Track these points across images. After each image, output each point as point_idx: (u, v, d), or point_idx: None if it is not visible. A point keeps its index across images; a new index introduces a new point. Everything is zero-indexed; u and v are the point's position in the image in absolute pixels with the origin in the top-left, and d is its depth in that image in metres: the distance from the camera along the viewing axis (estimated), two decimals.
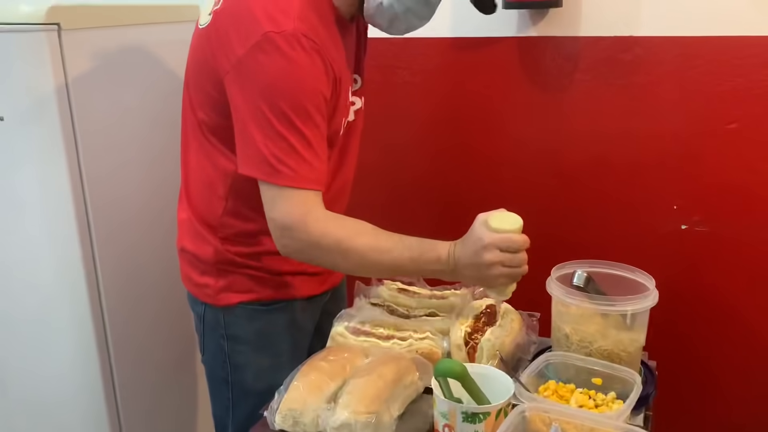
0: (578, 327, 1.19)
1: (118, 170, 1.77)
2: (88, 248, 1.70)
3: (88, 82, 1.64)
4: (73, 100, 1.60)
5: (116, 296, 1.79)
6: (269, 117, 1.12)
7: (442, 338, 1.33)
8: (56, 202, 1.65)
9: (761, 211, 1.67)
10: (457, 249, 1.20)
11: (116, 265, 1.79)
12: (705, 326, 1.81)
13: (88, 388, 1.80)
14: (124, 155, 1.78)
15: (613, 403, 1.07)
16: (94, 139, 1.68)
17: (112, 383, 1.82)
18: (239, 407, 1.44)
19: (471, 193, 1.95)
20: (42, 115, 1.59)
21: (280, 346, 1.41)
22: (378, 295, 1.48)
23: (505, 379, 1.10)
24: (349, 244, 1.18)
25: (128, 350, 1.86)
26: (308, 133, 1.14)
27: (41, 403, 1.87)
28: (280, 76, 1.12)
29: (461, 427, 1.04)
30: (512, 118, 1.86)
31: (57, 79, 1.56)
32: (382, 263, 1.21)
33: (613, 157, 1.78)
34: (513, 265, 1.18)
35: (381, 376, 1.13)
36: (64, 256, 1.69)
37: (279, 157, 1.13)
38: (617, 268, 1.26)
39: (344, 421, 1.05)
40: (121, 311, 1.82)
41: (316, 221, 1.16)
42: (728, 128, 1.65)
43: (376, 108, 2.01)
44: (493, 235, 1.17)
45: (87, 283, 1.71)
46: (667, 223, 1.76)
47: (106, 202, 1.74)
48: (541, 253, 1.86)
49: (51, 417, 1.87)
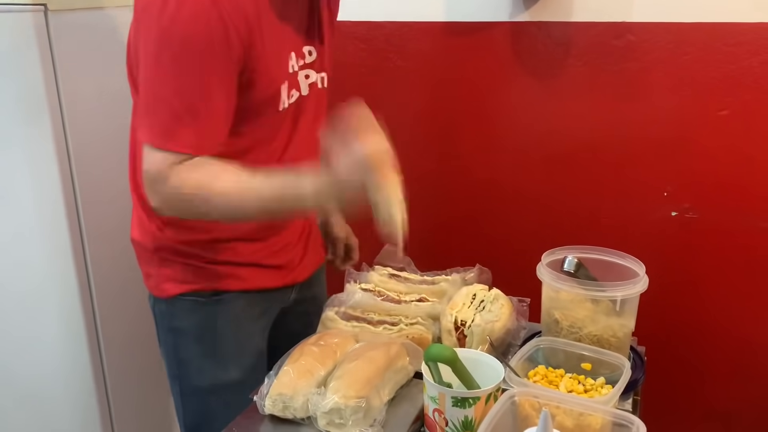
0: (568, 312, 1.19)
1: (106, 154, 1.75)
2: (77, 237, 1.68)
3: (76, 64, 1.62)
4: (60, 81, 1.58)
5: (106, 286, 1.78)
6: (153, 67, 1.07)
7: (433, 323, 1.33)
8: (44, 188, 1.64)
9: (751, 198, 1.68)
10: (330, 171, 1.06)
11: (106, 255, 1.77)
12: (694, 312, 1.82)
13: (78, 377, 1.79)
14: (112, 138, 1.76)
15: (602, 388, 1.08)
16: (82, 122, 1.66)
17: (102, 373, 1.82)
18: (187, 405, 1.38)
19: (462, 179, 1.95)
20: (28, 97, 1.57)
21: (223, 341, 1.32)
22: (368, 280, 1.48)
23: (495, 364, 1.11)
24: (210, 188, 1.08)
25: (118, 340, 1.85)
26: (191, 90, 1.07)
27: (31, 394, 1.86)
28: (166, 26, 1.04)
29: (451, 411, 1.04)
30: (504, 103, 1.85)
31: (44, 60, 1.54)
32: (247, 204, 1.11)
33: (604, 143, 1.77)
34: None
35: (371, 360, 1.13)
36: (53, 245, 1.68)
37: (155, 111, 1.09)
38: (608, 253, 1.26)
39: (334, 406, 1.05)
40: (111, 300, 1.81)
41: (178, 171, 1.08)
42: (719, 115, 1.65)
43: (366, 93, 2.00)
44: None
45: (77, 272, 1.70)
46: (657, 209, 1.77)
47: (95, 188, 1.72)
48: (531, 239, 1.87)
49: (41, 407, 1.87)
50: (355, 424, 1.05)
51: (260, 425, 1.10)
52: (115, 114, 1.76)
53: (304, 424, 1.09)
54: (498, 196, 1.92)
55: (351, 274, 1.50)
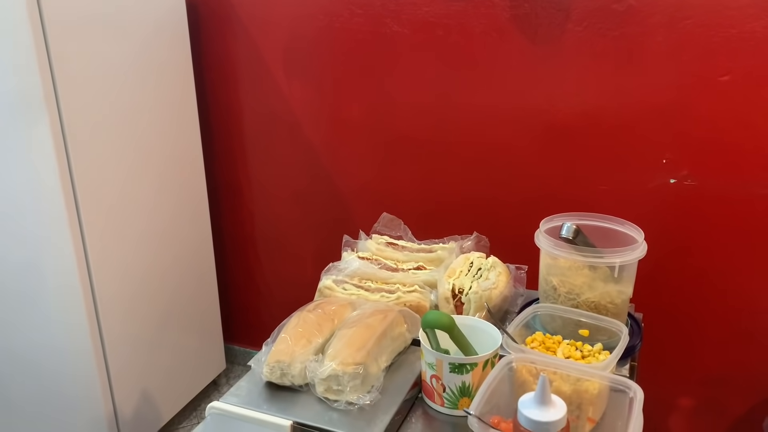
0: (566, 279, 1.19)
1: (100, 121, 1.73)
2: (71, 202, 1.67)
3: (67, 28, 1.59)
4: (51, 47, 1.56)
5: (102, 251, 1.78)
6: None
7: (430, 291, 1.33)
8: (38, 153, 1.62)
9: (750, 165, 1.67)
10: None
11: (102, 219, 1.77)
12: (691, 279, 1.82)
13: (77, 343, 1.80)
14: (105, 104, 1.74)
15: (599, 354, 1.08)
16: (75, 87, 1.64)
17: (101, 339, 1.82)
18: None
19: (460, 147, 1.94)
20: (19, 64, 1.55)
21: None
22: (366, 248, 1.48)
23: (492, 331, 1.11)
24: None
25: (116, 306, 1.86)
26: None
27: (30, 363, 1.87)
28: None
29: (448, 377, 1.05)
30: (503, 70, 1.82)
31: (33, 24, 1.51)
32: None
33: (603, 109, 1.76)
34: None
35: (369, 328, 1.13)
36: (49, 210, 1.67)
37: None
38: (606, 220, 1.26)
39: (332, 373, 1.05)
40: (108, 266, 1.81)
41: None
42: (720, 81, 1.63)
43: (362, 59, 1.98)
44: None
45: (72, 238, 1.69)
46: (656, 176, 1.76)
47: (90, 153, 1.71)
48: (530, 206, 1.87)
49: (40, 373, 1.88)
50: (352, 390, 1.05)
51: (258, 392, 1.10)
52: (108, 79, 1.74)
53: (302, 391, 1.09)
54: (496, 163, 1.91)
55: (348, 242, 1.49)
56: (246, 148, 2.23)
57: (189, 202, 2.12)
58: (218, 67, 2.16)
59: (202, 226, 2.20)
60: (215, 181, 2.31)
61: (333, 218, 2.19)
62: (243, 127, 2.21)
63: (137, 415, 1.99)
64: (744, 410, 1.88)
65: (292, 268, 2.32)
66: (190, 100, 2.08)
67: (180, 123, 2.04)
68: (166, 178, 2.00)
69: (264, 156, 2.22)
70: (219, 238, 2.36)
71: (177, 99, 2.01)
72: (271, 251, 2.35)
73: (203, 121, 2.21)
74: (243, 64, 2.13)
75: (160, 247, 2.00)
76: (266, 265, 2.38)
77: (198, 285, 2.21)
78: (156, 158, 1.94)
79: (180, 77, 2.02)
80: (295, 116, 2.11)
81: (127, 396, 1.94)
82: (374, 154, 2.06)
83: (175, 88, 1.99)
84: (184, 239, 2.11)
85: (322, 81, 2.04)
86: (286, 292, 2.37)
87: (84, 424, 1.89)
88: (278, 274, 2.37)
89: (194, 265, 2.18)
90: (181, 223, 2.09)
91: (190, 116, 2.08)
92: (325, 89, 2.05)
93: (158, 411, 2.10)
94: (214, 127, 2.25)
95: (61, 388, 1.87)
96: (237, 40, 2.10)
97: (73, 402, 1.88)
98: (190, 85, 2.06)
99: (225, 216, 2.36)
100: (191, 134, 2.10)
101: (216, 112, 2.23)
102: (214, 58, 2.16)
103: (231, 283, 2.46)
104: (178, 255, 2.08)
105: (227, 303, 2.46)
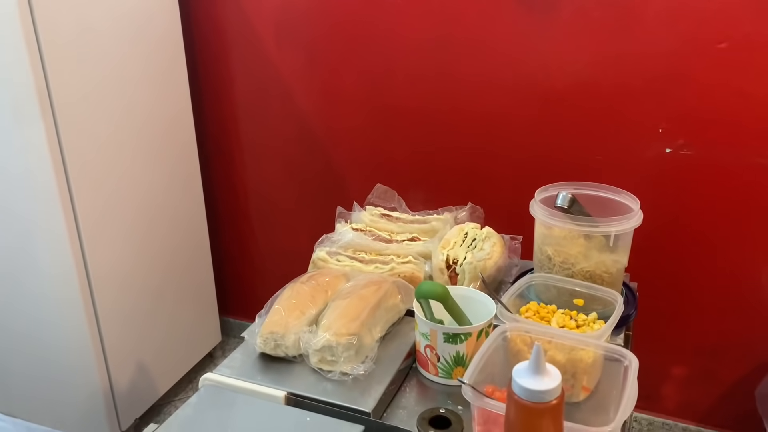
0: (561, 248, 1.18)
1: (89, 92, 1.70)
2: (62, 175, 1.65)
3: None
4: (37, 16, 1.53)
5: (95, 225, 1.76)
6: None
7: (424, 262, 1.32)
8: (27, 127, 1.60)
9: (747, 134, 1.65)
10: None
11: (94, 192, 1.75)
12: (686, 249, 1.82)
13: (71, 318, 1.80)
14: (94, 74, 1.71)
15: (594, 323, 1.08)
16: (62, 57, 1.61)
17: (95, 313, 1.82)
18: None
19: (455, 117, 1.92)
20: (4, 33, 1.52)
21: None
22: (360, 220, 1.47)
23: (486, 301, 1.10)
24: None
25: (109, 280, 1.85)
26: None
27: (25, 335, 1.86)
28: None
29: (442, 347, 1.04)
30: (497, 39, 1.80)
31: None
32: None
33: (599, 78, 1.74)
34: None
35: (362, 298, 1.13)
36: (40, 184, 1.66)
37: None
38: (602, 189, 1.24)
39: (326, 343, 1.05)
40: (101, 240, 1.80)
41: None
42: (718, 48, 1.61)
43: (355, 29, 1.95)
44: None
45: (63, 212, 1.67)
46: (652, 146, 1.75)
47: (80, 126, 1.69)
48: (524, 177, 1.86)
49: (36, 349, 1.87)
50: (346, 360, 1.04)
51: (252, 363, 1.10)
52: (96, 50, 1.71)
53: (296, 362, 1.09)
54: (490, 133, 1.89)
55: (342, 214, 1.48)
56: (238, 120, 2.21)
57: (181, 175, 2.10)
58: (208, 36, 2.13)
59: (195, 198, 2.19)
60: (207, 153, 2.29)
61: (326, 190, 2.17)
62: (234, 99, 2.18)
63: (133, 389, 2.00)
64: (736, 378, 1.90)
65: (286, 240, 2.32)
66: (181, 71, 2.04)
67: (171, 94, 2.01)
68: (158, 150, 1.97)
69: (256, 127, 2.19)
70: (212, 210, 2.35)
71: (167, 69, 1.98)
72: (264, 223, 2.34)
73: (194, 93, 2.17)
74: (234, 33, 2.09)
75: (153, 219, 1.99)
76: (260, 237, 2.37)
77: (192, 258, 2.20)
78: (147, 131, 1.92)
79: (170, 47, 1.98)
80: (288, 86, 2.08)
81: (122, 369, 1.94)
82: (368, 125, 2.04)
83: (165, 58, 1.96)
84: (177, 212, 2.10)
85: (315, 50, 2.01)
86: (280, 264, 2.37)
87: (80, 398, 1.90)
88: (272, 246, 2.37)
89: (188, 238, 2.17)
90: (173, 196, 2.07)
91: (181, 87, 2.05)
92: (317, 58, 2.02)
93: (154, 384, 2.10)
94: (206, 99, 2.22)
95: (57, 363, 1.87)
96: (227, 8, 2.06)
97: (69, 377, 1.88)
98: (180, 54, 2.03)
99: (218, 188, 2.35)
100: (182, 106, 2.07)
101: (207, 83, 2.20)
102: (205, 27, 2.12)
103: (225, 256, 2.45)
104: (171, 228, 2.07)
105: (222, 276, 2.45)
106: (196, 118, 2.17)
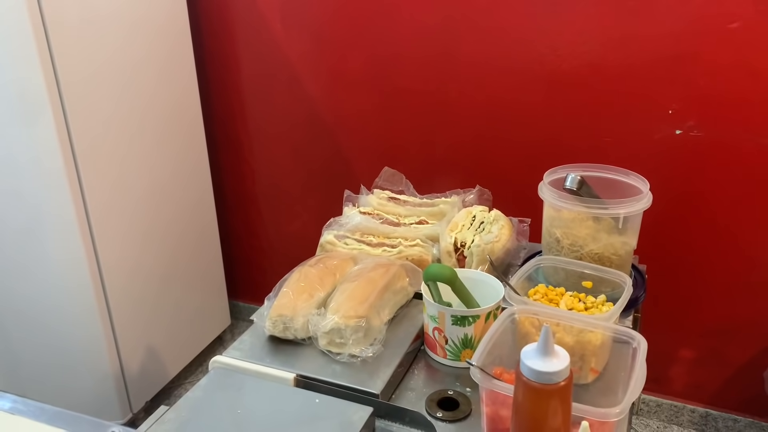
0: (569, 231, 1.18)
1: (96, 77, 1.70)
2: (70, 160, 1.66)
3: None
4: (44, 1, 1.52)
5: (104, 209, 1.77)
6: None
7: (432, 245, 1.32)
8: (36, 113, 1.60)
9: (758, 116, 1.64)
10: None
11: (102, 176, 1.76)
12: (696, 231, 1.81)
13: (81, 302, 1.81)
14: (100, 60, 1.71)
15: (602, 305, 1.07)
16: (69, 44, 1.61)
17: (105, 297, 1.83)
18: None
19: (462, 99, 1.90)
20: (11, 19, 1.51)
21: None
22: (367, 203, 1.46)
23: (495, 283, 1.10)
24: None
25: (119, 264, 1.86)
26: None
27: (35, 319, 1.88)
28: None
29: (450, 330, 1.05)
30: (504, 19, 1.78)
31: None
32: None
33: (608, 58, 1.72)
34: None
35: (371, 281, 1.13)
36: (49, 168, 1.66)
37: None
38: (611, 171, 1.23)
39: (334, 326, 1.05)
40: (110, 224, 1.80)
41: None
42: (729, 28, 1.59)
43: (361, 11, 1.93)
44: None
45: (72, 196, 1.68)
46: (662, 127, 1.73)
47: (88, 110, 1.69)
48: (532, 159, 1.85)
49: (46, 333, 1.89)
50: (355, 343, 1.05)
51: (261, 346, 1.10)
52: (103, 34, 1.71)
53: (305, 344, 1.09)
54: (499, 115, 1.88)
55: (350, 197, 1.48)
56: (245, 103, 2.20)
57: (189, 159, 2.10)
58: (214, 20, 2.12)
59: (203, 182, 2.19)
60: (215, 136, 2.29)
61: (334, 173, 2.17)
62: (241, 82, 2.17)
63: (143, 371, 2.01)
64: (745, 360, 1.89)
65: (294, 223, 2.32)
66: (187, 55, 2.04)
67: (177, 79, 2.00)
68: (166, 134, 1.97)
69: (263, 111, 2.19)
70: (220, 194, 2.35)
71: (173, 53, 1.98)
72: (272, 207, 2.35)
73: (201, 77, 2.17)
74: (240, 16, 2.08)
75: (162, 204, 2.00)
76: (268, 220, 2.38)
77: (200, 242, 2.21)
78: (154, 115, 1.92)
79: (176, 30, 1.97)
80: (294, 69, 2.07)
81: (133, 353, 1.96)
82: (375, 108, 2.03)
83: (171, 41, 1.96)
84: (186, 197, 2.10)
85: (321, 33, 2.00)
86: (288, 247, 2.37)
87: (92, 382, 1.92)
88: (280, 230, 2.37)
89: (196, 221, 2.17)
90: (182, 181, 2.07)
91: (188, 70, 2.05)
92: (324, 41, 2.01)
93: (164, 367, 2.12)
94: (212, 84, 2.21)
95: (69, 348, 1.89)
96: None
97: (80, 361, 1.90)
98: (186, 39, 2.02)
99: (225, 172, 2.35)
100: (189, 89, 2.07)
101: (213, 67, 2.19)
102: (210, 10, 2.11)
103: (234, 240, 2.46)
104: (179, 212, 2.08)
105: (230, 259, 2.46)
106: (203, 103, 2.17)
